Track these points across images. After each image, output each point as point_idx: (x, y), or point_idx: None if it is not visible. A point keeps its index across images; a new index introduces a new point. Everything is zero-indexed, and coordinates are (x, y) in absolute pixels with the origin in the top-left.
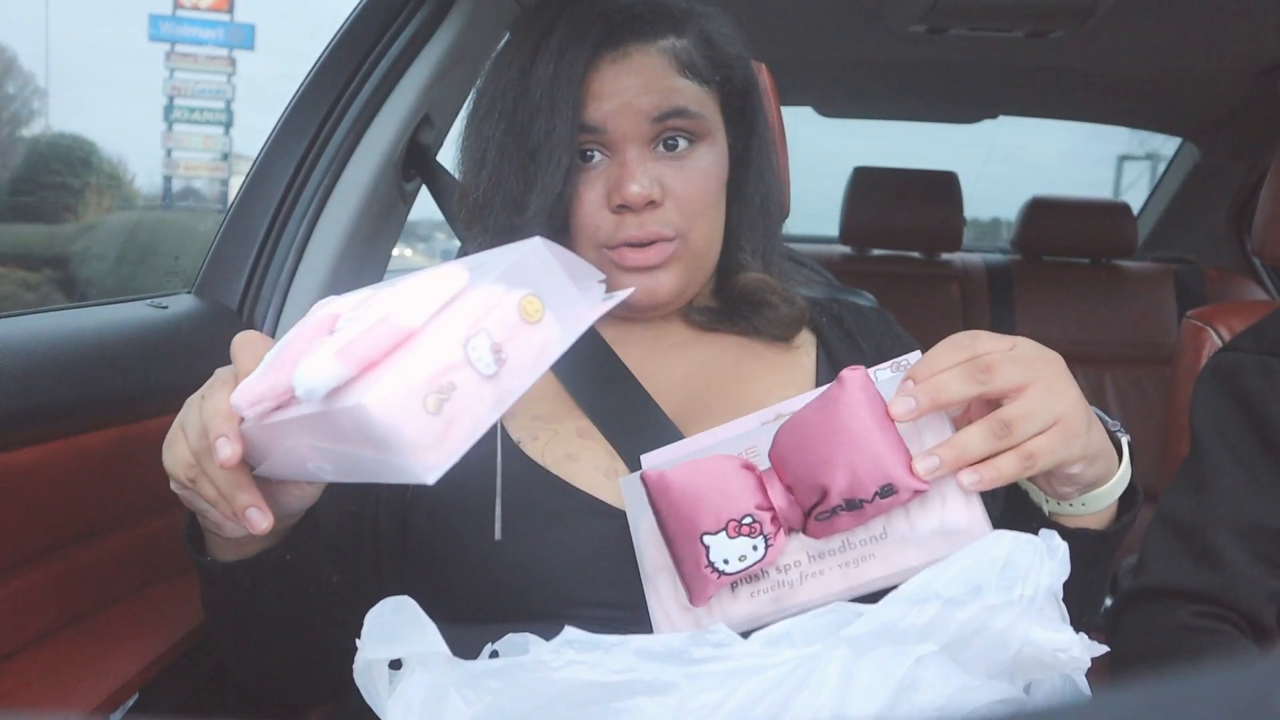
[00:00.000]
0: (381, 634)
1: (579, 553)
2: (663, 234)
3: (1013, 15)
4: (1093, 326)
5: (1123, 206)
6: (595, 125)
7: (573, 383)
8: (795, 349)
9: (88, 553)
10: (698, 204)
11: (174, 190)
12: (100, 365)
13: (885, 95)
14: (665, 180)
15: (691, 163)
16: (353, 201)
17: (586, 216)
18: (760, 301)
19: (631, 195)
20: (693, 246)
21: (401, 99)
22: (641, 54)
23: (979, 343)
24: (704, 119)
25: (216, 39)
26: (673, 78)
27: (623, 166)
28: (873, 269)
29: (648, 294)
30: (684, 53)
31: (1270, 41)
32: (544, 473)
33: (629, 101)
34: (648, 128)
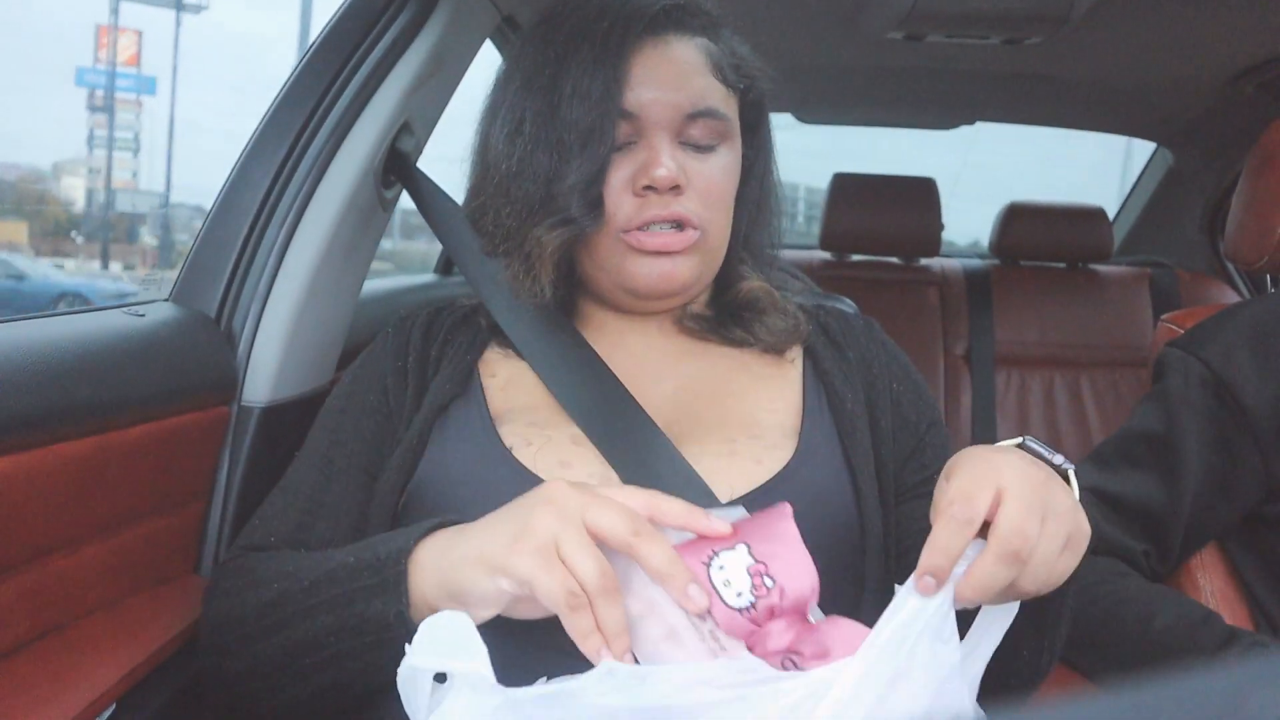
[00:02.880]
0: (433, 644)
1: None
2: (687, 218)
3: (989, 22)
4: (1070, 330)
5: (1098, 211)
6: (631, 111)
7: (562, 393)
8: (784, 360)
9: (63, 563)
10: (717, 199)
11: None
12: (76, 374)
13: (864, 101)
14: (690, 170)
15: (714, 160)
16: (332, 208)
17: (614, 202)
18: (762, 310)
19: (659, 177)
20: (710, 241)
21: (381, 106)
22: (681, 45)
23: (975, 505)
24: (729, 122)
25: (128, 87)
26: (706, 76)
27: (651, 150)
28: (852, 274)
29: (664, 279)
30: (716, 55)
31: (1242, 47)
32: (536, 480)
33: (666, 92)
34: (679, 121)
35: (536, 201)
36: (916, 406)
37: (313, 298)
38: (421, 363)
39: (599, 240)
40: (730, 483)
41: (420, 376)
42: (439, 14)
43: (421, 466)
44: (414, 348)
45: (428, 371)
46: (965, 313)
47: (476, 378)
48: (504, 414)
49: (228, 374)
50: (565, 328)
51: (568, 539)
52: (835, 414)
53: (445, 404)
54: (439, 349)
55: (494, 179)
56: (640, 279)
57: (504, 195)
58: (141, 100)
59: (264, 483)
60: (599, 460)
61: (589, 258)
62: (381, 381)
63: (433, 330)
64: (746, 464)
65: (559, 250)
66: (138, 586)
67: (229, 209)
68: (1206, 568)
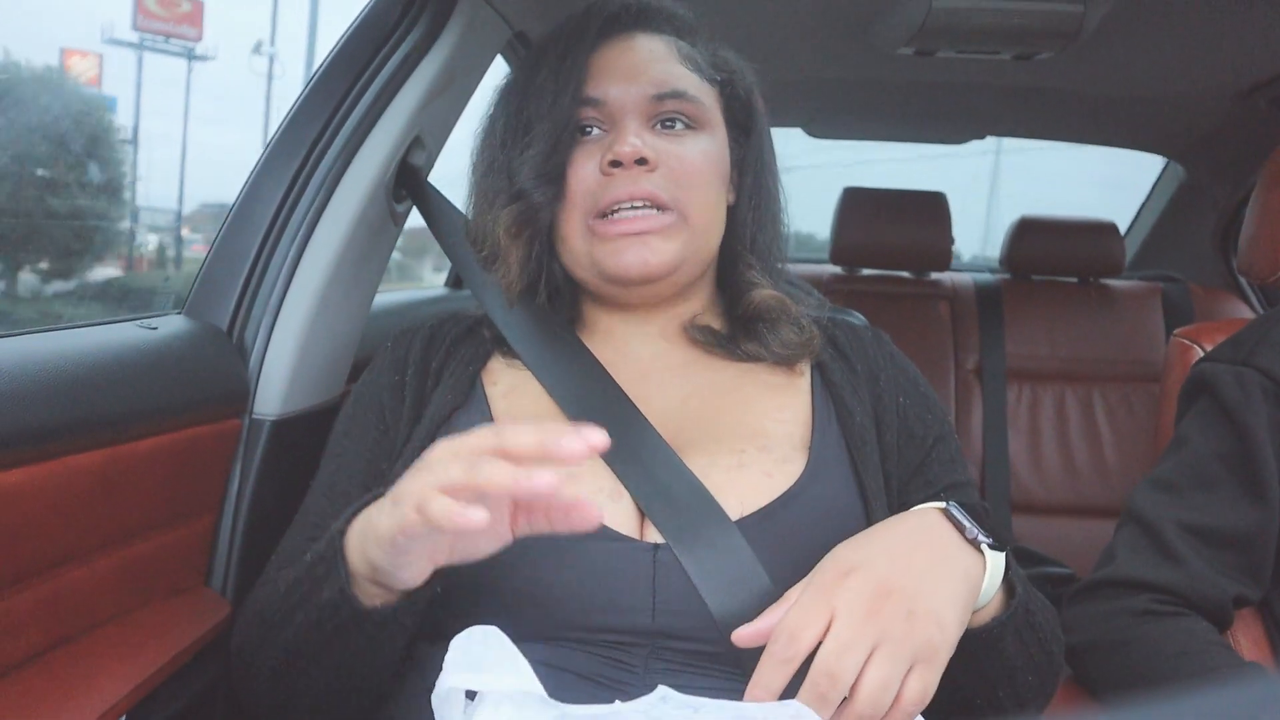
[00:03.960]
0: (469, 662)
1: (583, 578)
2: (656, 195)
3: (999, 38)
4: (1081, 345)
5: (1110, 226)
6: (596, 98)
7: (567, 403)
8: (793, 371)
9: (75, 574)
10: (692, 177)
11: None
12: (89, 386)
13: (874, 116)
14: (660, 149)
15: (689, 141)
16: (344, 222)
17: (579, 183)
18: (775, 320)
19: (623, 152)
20: (691, 223)
21: (393, 121)
22: (647, 39)
23: (798, 643)
24: (703, 106)
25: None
26: (674, 64)
27: (619, 132)
28: (863, 288)
29: (640, 264)
30: (687, 48)
31: (1252, 63)
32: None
33: (630, 78)
34: (647, 105)
35: (501, 190)
36: (924, 420)
37: (324, 311)
38: (420, 376)
39: (569, 229)
40: (740, 496)
41: (419, 389)
42: (451, 30)
43: None
44: (413, 361)
45: (427, 384)
46: (976, 327)
47: (479, 388)
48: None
49: (239, 387)
50: (567, 336)
51: (430, 482)
52: (844, 427)
53: (448, 414)
54: (441, 361)
55: (473, 184)
56: (614, 265)
57: (482, 198)
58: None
59: (275, 495)
60: (608, 474)
61: (565, 250)
62: (378, 398)
63: (435, 343)
64: (757, 477)
65: (519, 229)
66: (149, 598)
67: (242, 222)
68: (1238, 630)
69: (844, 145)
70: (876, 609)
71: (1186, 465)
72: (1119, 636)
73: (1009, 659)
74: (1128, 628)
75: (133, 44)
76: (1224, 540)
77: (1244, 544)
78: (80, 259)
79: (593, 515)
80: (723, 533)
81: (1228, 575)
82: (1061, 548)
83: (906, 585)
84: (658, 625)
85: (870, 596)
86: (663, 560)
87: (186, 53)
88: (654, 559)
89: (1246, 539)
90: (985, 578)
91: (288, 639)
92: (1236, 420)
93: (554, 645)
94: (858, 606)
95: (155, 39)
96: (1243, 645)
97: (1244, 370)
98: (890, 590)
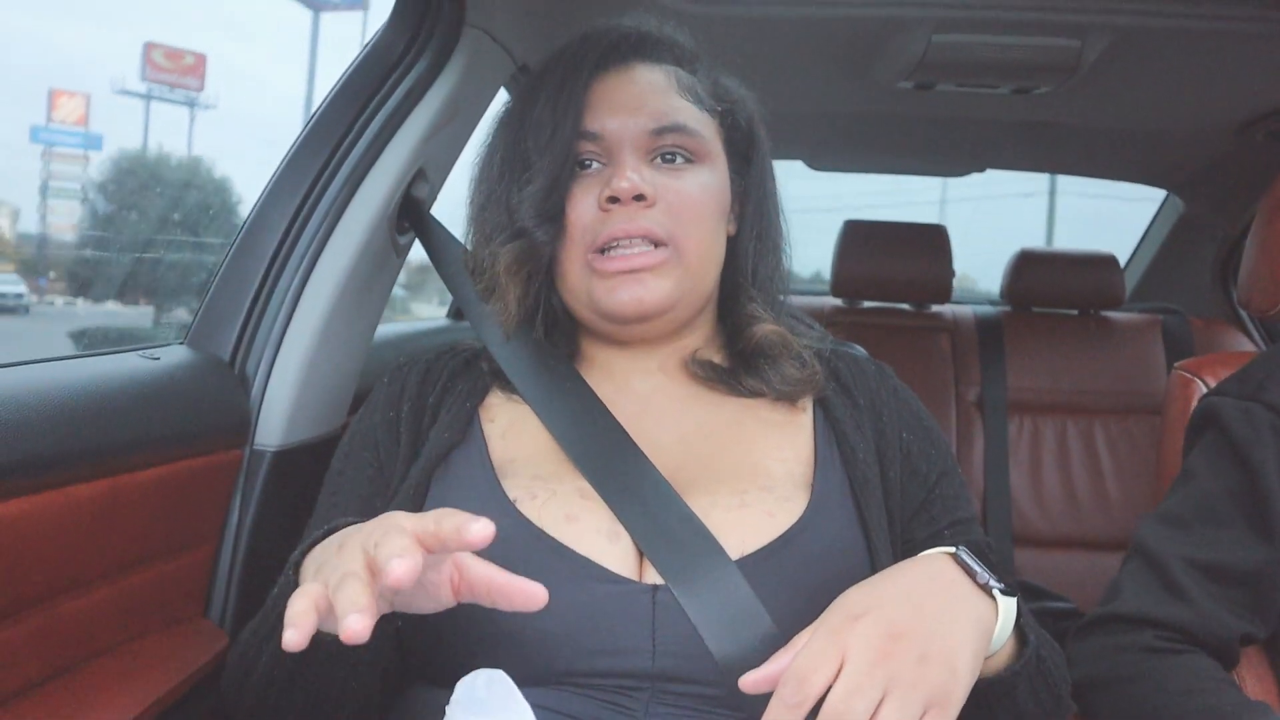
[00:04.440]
0: (473, 705)
1: (581, 620)
2: (653, 231)
3: (998, 72)
4: (1082, 377)
5: (1109, 258)
6: (594, 132)
7: (568, 442)
8: (795, 407)
9: (74, 604)
10: (691, 213)
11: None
12: (91, 416)
13: (875, 149)
14: (658, 185)
15: (688, 175)
16: (347, 254)
17: (578, 217)
18: (776, 356)
19: (621, 188)
20: (686, 260)
21: (396, 153)
22: (646, 70)
23: (807, 687)
24: (704, 139)
25: (76, 143)
26: (673, 96)
27: (617, 167)
28: (864, 321)
29: (635, 302)
30: (687, 79)
31: (1250, 97)
32: (541, 534)
33: (629, 112)
34: (646, 139)
35: (500, 226)
36: (927, 456)
37: (326, 342)
38: (417, 412)
39: (568, 266)
40: (741, 536)
41: (415, 426)
42: (454, 63)
43: None
44: (409, 397)
45: (424, 420)
46: (977, 359)
47: (477, 424)
48: (506, 464)
49: (241, 417)
50: (567, 370)
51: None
52: (847, 464)
53: (445, 452)
54: (438, 396)
55: (472, 217)
56: (610, 303)
57: (480, 231)
58: (89, 155)
59: (275, 526)
60: (607, 514)
61: (564, 286)
62: (374, 435)
63: (430, 377)
64: (758, 517)
65: (519, 266)
66: (147, 629)
67: (245, 253)
68: (1243, 668)
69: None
70: (888, 653)
71: (1194, 501)
72: (1125, 672)
73: (1020, 707)
74: (1133, 664)
75: (141, 94)
76: (1231, 577)
77: (1251, 581)
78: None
79: (537, 597)
80: (723, 573)
81: (1234, 613)
82: (1063, 581)
83: (918, 629)
84: (658, 668)
85: (881, 640)
86: (662, 602)
87: (189, 101)
88: (653, 600)
89: (1254, 576)
90: (998, 624)
91: (262, 673)
92: (1244, 456)
93: (553, 689)
94: (869, 650)
95: (162, 89)
96: (1248, 683)
97: (1252, 406)
98: (902, 634)
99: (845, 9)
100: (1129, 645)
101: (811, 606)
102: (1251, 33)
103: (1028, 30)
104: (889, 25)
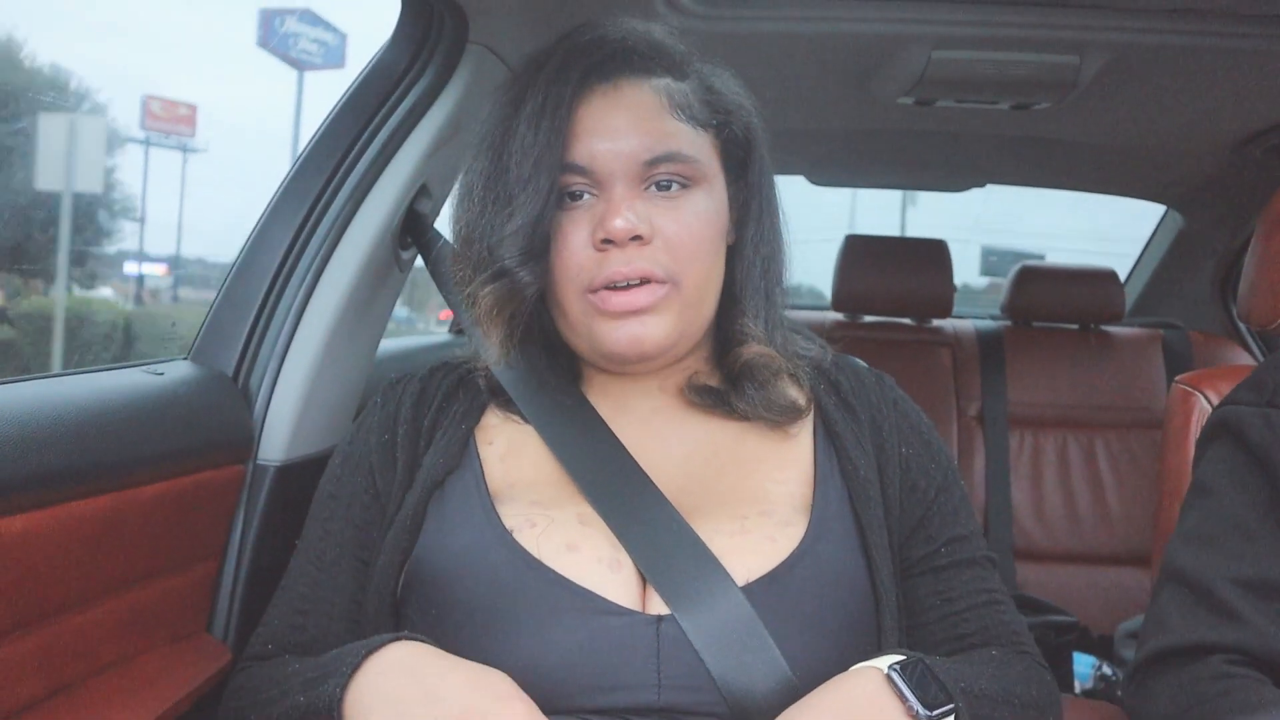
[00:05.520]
0: None
1: (584, 655)
2: (652, 273)
3: (997, 88)
4: (1083, 391)
5: (1110, 273)
6: (582, 165)
7: (572, 465)
8: (794, 425)
9: (77, 620)
10: (690, 247)
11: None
12: (95, 432)
13: (875, 164)
14: (655, 219)
15: (685, 204)
16: (350, 268)
17: (570, 255)
18: (764, 381)
19: (615, 229)
20: (685, 293)
21: (400, 168)
22: (633, 89)
23: None
24: (699, 163)
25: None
26: (665, 119)
27: (609, 203)
28: (865, 335)
29: (634, 342)
30: (679, 94)
31: (1249, 112)
32: (540, 566)
33: (618, 141)
34: (638, 169)
35: (483, 263)
36: (926, 470)
37: (329, 357)
38: (412, 436)
39: (566, 300)
40: (745, 563)
41: (411, 450)
42: (458, 79)
43: (419, 547)
44: (403, 419)
45: (419, 444)
46: (978, 374)
47: (473, 448)
48: (504, 491)
49: (244, 432)
50: (569, 390)
51: None
52: (848, 480)
53: (441, 479)
54: (433, 418)
55: (456, 251)
56: (609, 343)
57: (464, 261)
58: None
59: (278, 541)
60: (609, 542)
61: (564, 321)
62: (367, 460)
63: (425, 397)
64: (760, 542)
65: (499, 309)
66: (151, 644)
67: (248, 268)
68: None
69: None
70: None
71: (1219, 516)
72: (1195, 707)
73: None
74: (1203, 695)
75: (140, 140)
76: (1276, 590)
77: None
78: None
79: None
80: (729, 600)
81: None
82: (1065, 595)
83: None
84: (664, 702)
85: None
86: (667, 633)
87: (182, 146)
88: (658, 632)
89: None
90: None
91: None
92: (1268, 463)
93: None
94: None
95: (158, 136)
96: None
97: (1271, 412)
98: None
99: (845, 25)
100: (1197, 677)
101: (814, 630)
102: (1249, 50)
103: (1027, 47)
104: (889, 42)
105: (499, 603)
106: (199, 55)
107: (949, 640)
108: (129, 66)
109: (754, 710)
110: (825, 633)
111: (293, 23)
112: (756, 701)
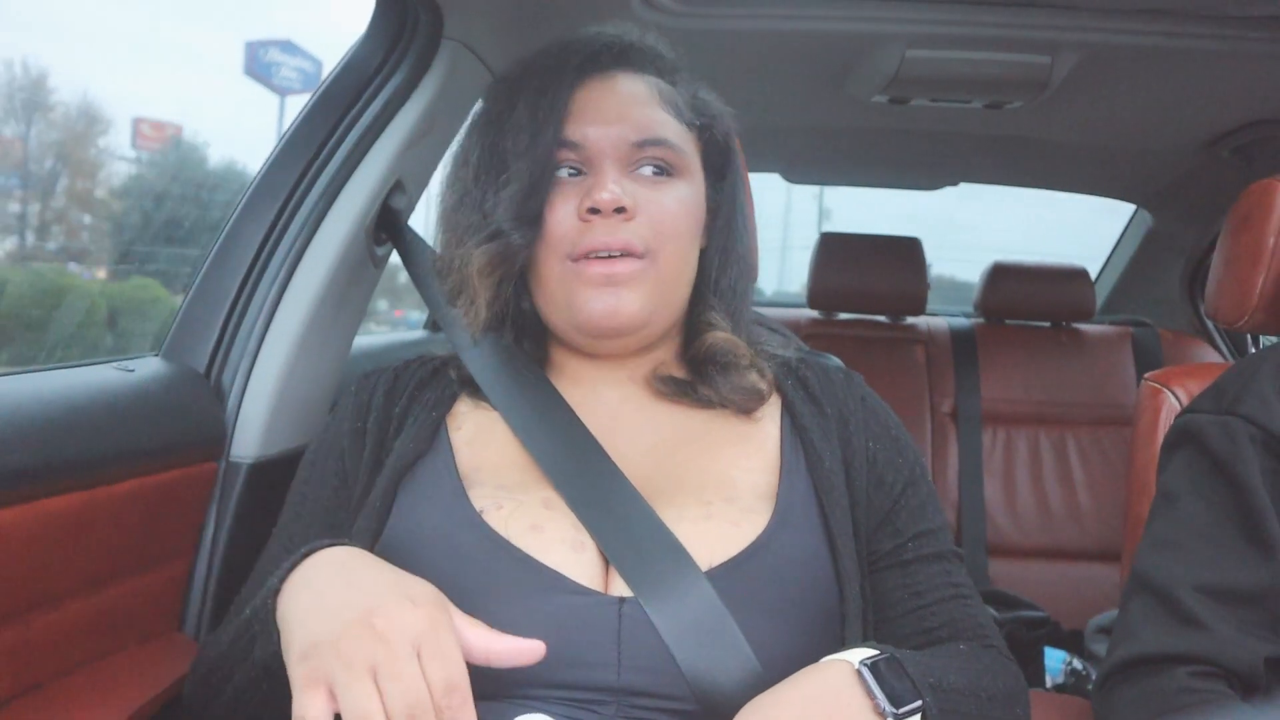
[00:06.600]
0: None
1: (545, 633)
2: (632, 245)
3: (970, 87)
4: (1054, 388)
5: (1080, 271)
6: (575, 141)
7: (539, 450)
8: (761, 416)
9: (47, 619)
10: (670, 225)
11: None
12: (64, 429)
13: (850, 162)
14: (639, 196)
15: (668, 189)
16: (324, 265)
17: (556, 224)
18: (727, 365)
19: (602, 200)
20: (661, 271)
21: (374, 164)
22: (628, 80)
23: None
24: (684, 154)
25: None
26: (655, 108)
27: (597, 176)
28: (839, 332)
29: (609, 313)
30: (668, 92)
31: (1217, 113)
32: (506, 545)
33: (610, 126)
34: (627, 151)
35: (474, 227)
36: (894, 465)
37: (303, 354)
38: (382, 422)
39: (547, 268)
40: (709, 548)
41: (380, 436)
42: (433, 76)
43: (389, 529)
44: (375, 407)
45: (389, 430)
46: (951, 371)
47: (444, 434)
48: (472, 473)
49: (216, 430)
50: (537, 378)
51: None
52: (813, 472)
53: (411, 463)
54: (404, 406)
55: (443, 217)
56: (586, 312)
57: (451, 231)
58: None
59: (251, 539)
60: (572, 524)
61: (540, 290)
62: (339, 445)
63: (397, 387)
64: (724, 528)
65: (492, 268)
66: (121, 643)
67: (221, 265)
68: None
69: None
70: None
71: (1183, 523)
72: (1171, 715)
73: None
74: (1167, 708)
75: (131, 159)
76: (1239, 598)
77: (1259, 600)
78: None
79: (535, 654)
80: (693, 585)
81: (1254, 634)
82: (1037, 590)
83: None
84: (624, 682)
85: None
86: (628, 614)
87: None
88: (619, 613)
89: (1261, 595)
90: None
91: (231, 695)
92: (1229, 472)
93: (517, 703)
94: None
95: (147, 155)
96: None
97: (1230, 420)
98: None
99: (820, 24)
100: (1160, 689)
101: (777, 616)
102: (1218, 51)
103: (999, 46)
104: (863, 40)
105: (467, 581)
106: (191, 83)
107: (916, 634)
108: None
109: (720, 699)
110: (787, 620)
111: (275, 53)
112: (723, 690)
